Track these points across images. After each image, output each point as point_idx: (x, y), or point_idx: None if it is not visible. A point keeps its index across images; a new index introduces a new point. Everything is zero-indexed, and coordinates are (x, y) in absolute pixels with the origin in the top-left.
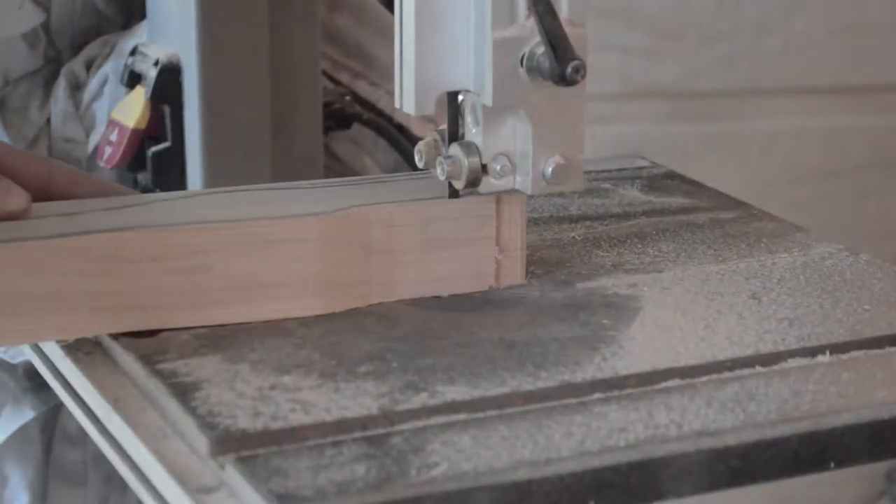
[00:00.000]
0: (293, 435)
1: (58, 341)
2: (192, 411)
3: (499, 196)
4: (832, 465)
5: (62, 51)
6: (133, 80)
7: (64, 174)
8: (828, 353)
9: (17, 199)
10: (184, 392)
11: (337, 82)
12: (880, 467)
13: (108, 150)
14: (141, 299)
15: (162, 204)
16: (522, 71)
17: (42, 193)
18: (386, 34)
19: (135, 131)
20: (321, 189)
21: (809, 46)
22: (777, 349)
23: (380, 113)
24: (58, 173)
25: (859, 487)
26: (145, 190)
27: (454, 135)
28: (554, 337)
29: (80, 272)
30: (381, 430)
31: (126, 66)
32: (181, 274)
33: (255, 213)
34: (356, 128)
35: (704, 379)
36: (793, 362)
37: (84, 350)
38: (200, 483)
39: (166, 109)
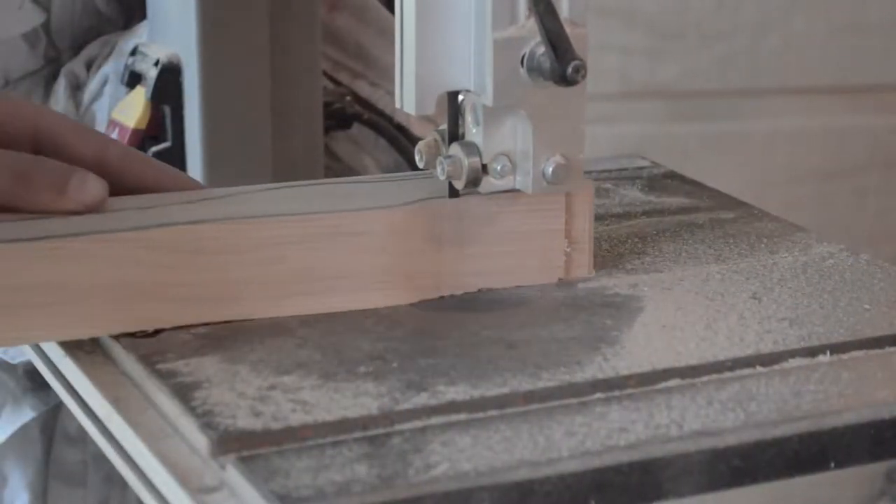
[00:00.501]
0: (294, 435)
1: (138, 333)
2: (193, 411)
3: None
4: (833, 465)
5: (62, 51)
6: (133, 80)
7: (117, 154)
8: (828, 353)
9: (94, 190)
10: (184, 392)
11: (337, 82)
12: (880, 467)
13: None
14: (217, 291)
15: (234, 198)
16: (523, 71)
17: (94, 172)
18: (387, 35)
19: (135, 131)
20: (389, 183)
21: (809, 46)
22: (777, 349)
23: (380, 113)
24: (112, 153)
25: (859, 487)
26: None
27: (454, 135)
28: (555, 337)
29: (157, 264)
30: (381, 430)
31: (126, 66)
32: (256, 266)
33: (327, 207)
34: (356, 128)
35: (705, 379)
36: (793, 362)
37: (84, 350)
38: (201, 483)
39: (166, 109)
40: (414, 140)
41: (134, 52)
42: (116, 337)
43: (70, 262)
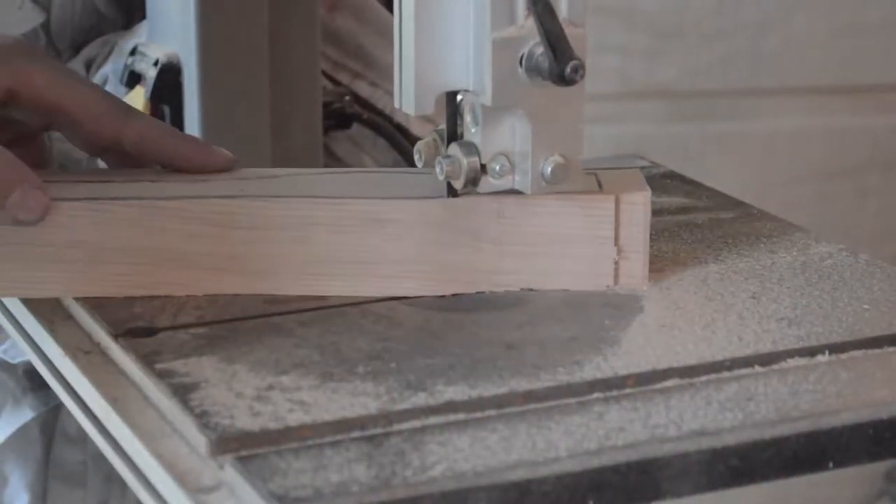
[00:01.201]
0: (292, 435)
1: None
2: (191, 411)
3: (619, 196)
4: (831, 464)
5: (62, 51)
6: (133, 79)
7: (136, 131)
8: (827, 352)
9: (33, 207)
10: (183, 392)
11: (337, 82)
12: (879, 467)
13: None
14: (248, 264)
15: (276, 180)
16: (521, 71)
17: (108, 149)
18: (386, 35)
19: None
20: (428, 175)
21: (809, 46)
22: (776, 349)
23: (379, 113)
24: (130, 130)
25: (859, 487)
26: None
27: (453, 135)
28: (553, 337)
29: (191, 234)
30: (379, 430)
31: (126, 65)
32: (288, 244)
33: (363, 193)
34: (356, 128)
35: (703, 379)
36: (792, 362)
37: (83, 349)
38: (200, 483)
39: (166, 109)
40: (413, 140)
41: (133, 52)
42: (115, 337)
43: (103, 223)
